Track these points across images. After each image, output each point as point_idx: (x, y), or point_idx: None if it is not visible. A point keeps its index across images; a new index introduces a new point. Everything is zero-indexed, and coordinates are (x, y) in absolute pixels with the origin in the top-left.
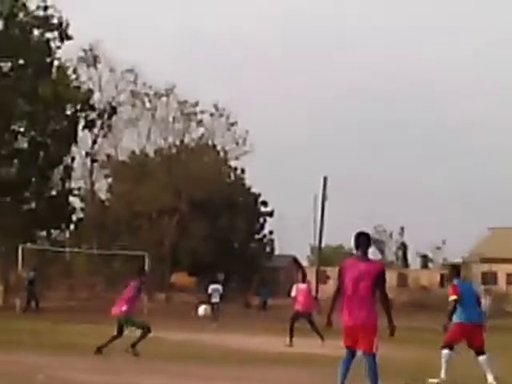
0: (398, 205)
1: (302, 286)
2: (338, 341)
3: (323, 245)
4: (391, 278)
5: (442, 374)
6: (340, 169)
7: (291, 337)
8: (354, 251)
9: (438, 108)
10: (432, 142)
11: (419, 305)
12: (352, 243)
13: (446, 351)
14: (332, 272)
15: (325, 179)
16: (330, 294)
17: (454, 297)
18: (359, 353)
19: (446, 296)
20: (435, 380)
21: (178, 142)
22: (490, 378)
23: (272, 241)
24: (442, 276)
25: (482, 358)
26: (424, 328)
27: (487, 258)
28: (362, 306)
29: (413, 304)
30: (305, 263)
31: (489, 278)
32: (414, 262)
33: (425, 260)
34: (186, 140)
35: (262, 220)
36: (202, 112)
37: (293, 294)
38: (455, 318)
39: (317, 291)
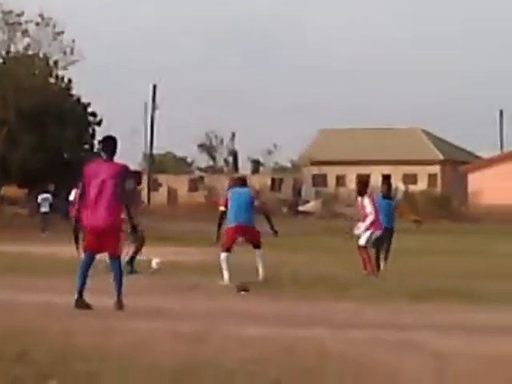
0: (230, 111)
1: None
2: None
3: (154, 152)
4: (223, 183)
5: (225, 277)
6: (170, 76)
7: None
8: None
9: None
10: (268, 42)
11: None
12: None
13: (223, 255)
14: (164, 179)
15: (154, 87)
16: (162, 200)
17: (222, 208)
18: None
19: (276, 200)
20: (223, 282)
21: (3, 53)
22: (260, 271)
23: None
24: (273, 180)
25: (258, 251)
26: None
27: (317, 161)
28: (105, 208)
29: None
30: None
31: (319, 181)
32: (245, 167)
33: (256, 165)
34: (13, 50)
35: (91, 130)
36: (28, 22)
37: (71, 198)
38: (228, 224)
39: (149, 199)
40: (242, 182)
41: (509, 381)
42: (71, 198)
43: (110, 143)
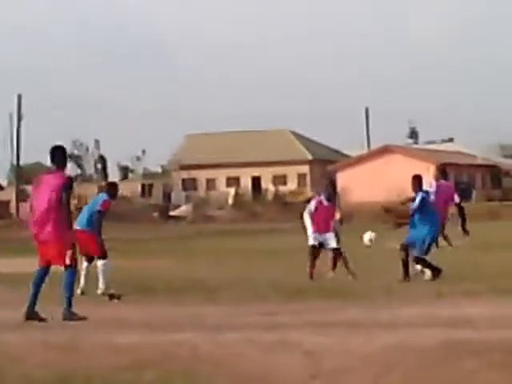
0: (95, 118)
1: None
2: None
3: (22, 163)
4: (93, 191)
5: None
6: (34, 87)
7: None
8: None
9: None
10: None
11: (122, 215)
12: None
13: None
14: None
15: (19, 97)
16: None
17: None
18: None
19: (147, 206)
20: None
21: None
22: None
23: None
24: (143, 186)
25: (100, 262)
26: (121, 238)
27: (186, 165)
28: (48, 220)
29: (116, 215)
30: (4, 183)
31: (189, 185)
32: (114, 173)
33: (125, 171)
34: None
35: None
36: None
37: None
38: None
39: (17, 210)
40: (107, 188)
41: (381, 375)
42: None
43: (57, 153)
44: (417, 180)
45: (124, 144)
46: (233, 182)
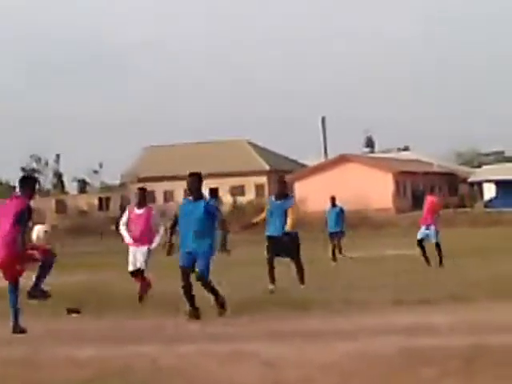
0: (52, 132)
1: None
2: None
3: None
4: (50, 205)
5: None
6: None
7: None
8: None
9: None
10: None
11: (80, 229)
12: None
13: None
14: None
15: None
16: None
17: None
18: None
19: (105, 218)
20: None
21: None
22: None
23: None
24: (100, 199)
25: None
26: (89, 252)
27: (144, 178)
28: (6, 242)
29: (74, 229)
30: None
31: (147, 197)
32: (72, 187)
33: (82, 185)
34: None
35: None
36: None
37: None
38: None
39: None
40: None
41: None
42: None
43: (27, 182)
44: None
45: (81, 157)
46: None
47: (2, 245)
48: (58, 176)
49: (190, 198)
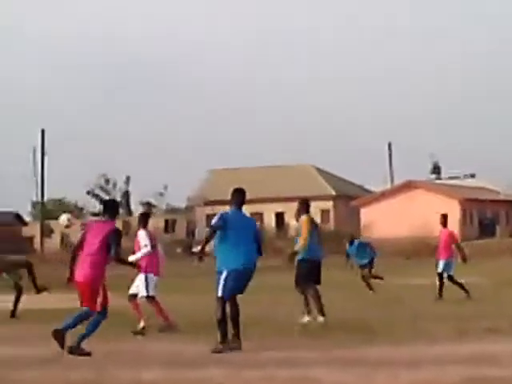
0: (120, 154)
1: None
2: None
3: (45, 198)
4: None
5: None
6: (59, 121)
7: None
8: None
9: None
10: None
11: None
12: (75, 195)
13: None
14: (56, 225)
15: (42, 132)
16: (55, 247)
17: None
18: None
19: (171, 241)
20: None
21: None
22: None
23: None
24: (166, 221)
25: None
26: None
27: (210, 201)
28: (92, 262)
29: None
30: (28, 218)
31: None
32: (138, 209)
33: (148, 207)
34: None
35: None
36: None
37: None
38: None
39: (42, 246)
40: None
41: None
42: None
43: (112, 206)
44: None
45: (147, 179)
46: (256, 217)
47: (87, 264)
48: (126, 197)
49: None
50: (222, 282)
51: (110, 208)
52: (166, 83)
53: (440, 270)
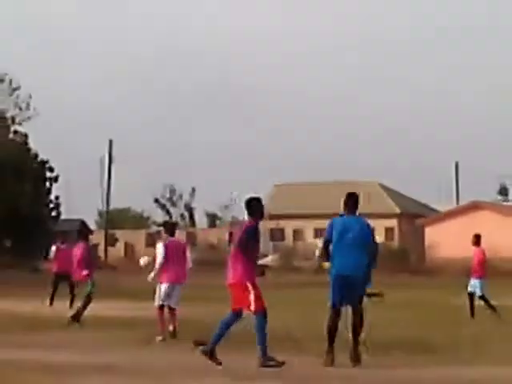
0: (186, 165)
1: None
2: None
3: (111, 207)
4: (181, 238)
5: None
6: (125, 132)
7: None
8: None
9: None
10: (215, 102)
11: (209, 263)
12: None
13: None
14: (121, 234)
15: (110, 142)
16: (119, 256)
17: None
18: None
19: None
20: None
21: None
22: None
23: (58, 205)
24: (230, 234)
25: None
26: (211, 285)
27: (274, 215)
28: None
29: (202, 262)
30: (93, 227)
31: (277, 235)
32: (202, 221)
33: (212, 219)
34: None
35: (48, 185)
36: None
37: (50, 255)
38: None
39: (106, 254)
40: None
41: None
42: (51, 254)
43: (255, 204)
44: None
45: (213, 191)
46: (320, 232)
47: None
48: (189, 209)
49: None
50: None
51: (253, 206)
52: (236, 95)
53: (471, 289)
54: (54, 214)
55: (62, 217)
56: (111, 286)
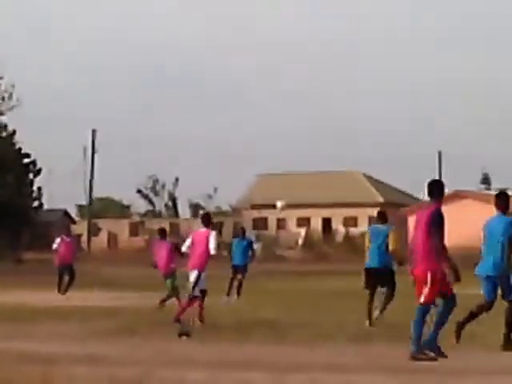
0: (169, 155)
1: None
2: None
3: (94, 197)
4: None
5: None
6: (109, 121)
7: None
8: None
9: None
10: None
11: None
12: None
13: None
14: (104, 223)
15: (93, 132)
16: (102, 246)
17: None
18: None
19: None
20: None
21: None
22: None
23: (41, 195)
24: (214, 224)
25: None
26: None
27: (256, 205)
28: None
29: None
30: (76, 217)
31: (260, 224)
32: (186, 211)
33: (196, 209)
34: None
35: (30, 175)
36: None
37: (54, 246)
38: None
39: (88, 244)
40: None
41: None
42: (54, 246)
43: (435, 186)
44: None
45: (196, 182)
46: (303, 222)
47: (419, 258)
48: (173, 199)
49: None
50: None
51: (434, 188)
52: (216, 85)
53: None
54: (36, 204)
55: (45, 207)
56: (95, 275)
